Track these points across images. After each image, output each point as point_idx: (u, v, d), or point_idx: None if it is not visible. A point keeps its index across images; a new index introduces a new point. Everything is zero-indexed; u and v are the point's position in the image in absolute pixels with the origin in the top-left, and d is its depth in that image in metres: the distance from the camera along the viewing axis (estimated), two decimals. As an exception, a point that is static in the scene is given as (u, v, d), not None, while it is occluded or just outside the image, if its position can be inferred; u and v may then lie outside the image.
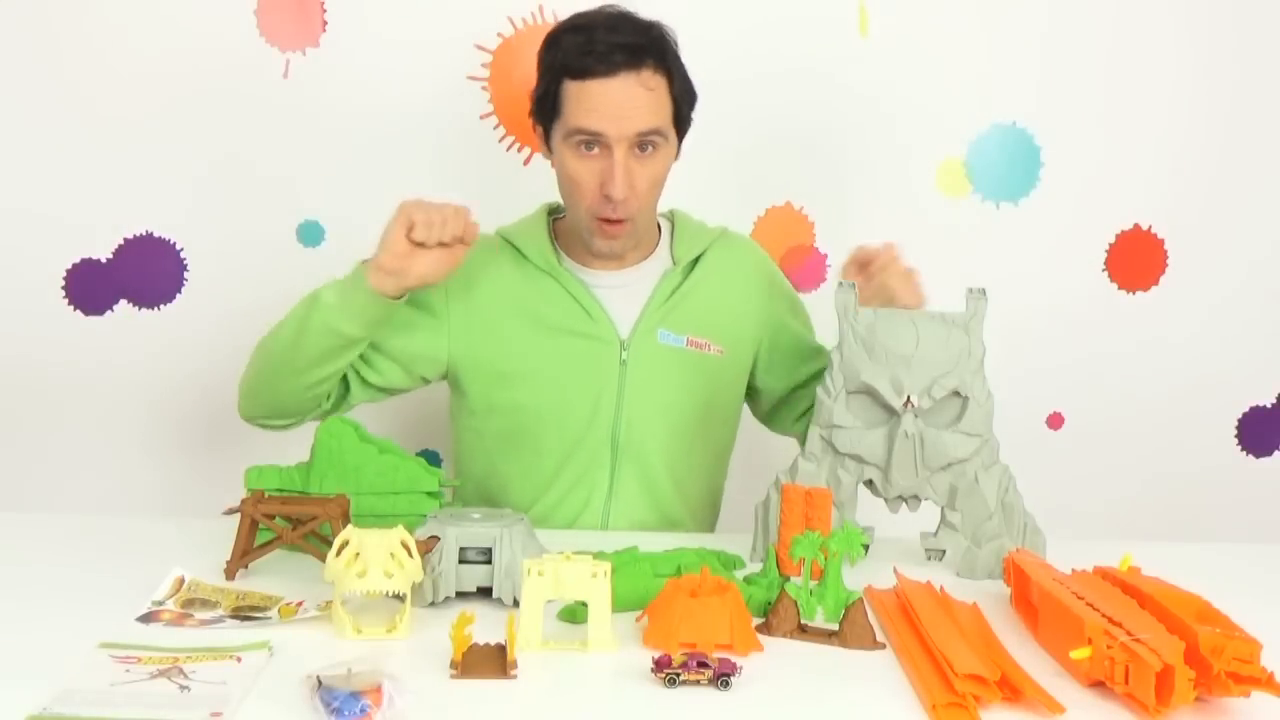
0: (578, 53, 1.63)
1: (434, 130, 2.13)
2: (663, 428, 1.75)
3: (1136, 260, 2.30)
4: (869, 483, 1.53)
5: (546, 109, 1.68)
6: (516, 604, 1.25)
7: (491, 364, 1.73)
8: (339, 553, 1.21)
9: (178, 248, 2.13)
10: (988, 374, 1.50)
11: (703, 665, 1.11)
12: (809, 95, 2.18)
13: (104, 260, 2.10)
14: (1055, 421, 2.34)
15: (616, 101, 1.62)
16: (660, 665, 1.12)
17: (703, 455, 1.81)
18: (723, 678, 1.11)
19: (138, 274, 2.12)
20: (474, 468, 1.80)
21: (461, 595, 1.31)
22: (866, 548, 1.43)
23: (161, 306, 2.14)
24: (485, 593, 1.31)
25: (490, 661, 1.14)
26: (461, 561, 1.31)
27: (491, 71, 2.12)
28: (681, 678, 1.11)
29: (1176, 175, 2.28)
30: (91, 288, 2.11)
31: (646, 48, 1.64)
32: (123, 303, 2.12)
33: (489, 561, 1.31)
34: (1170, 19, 2.23)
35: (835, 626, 1.25)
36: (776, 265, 1.93)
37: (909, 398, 1.47)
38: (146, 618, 1.25)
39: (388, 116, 2.12)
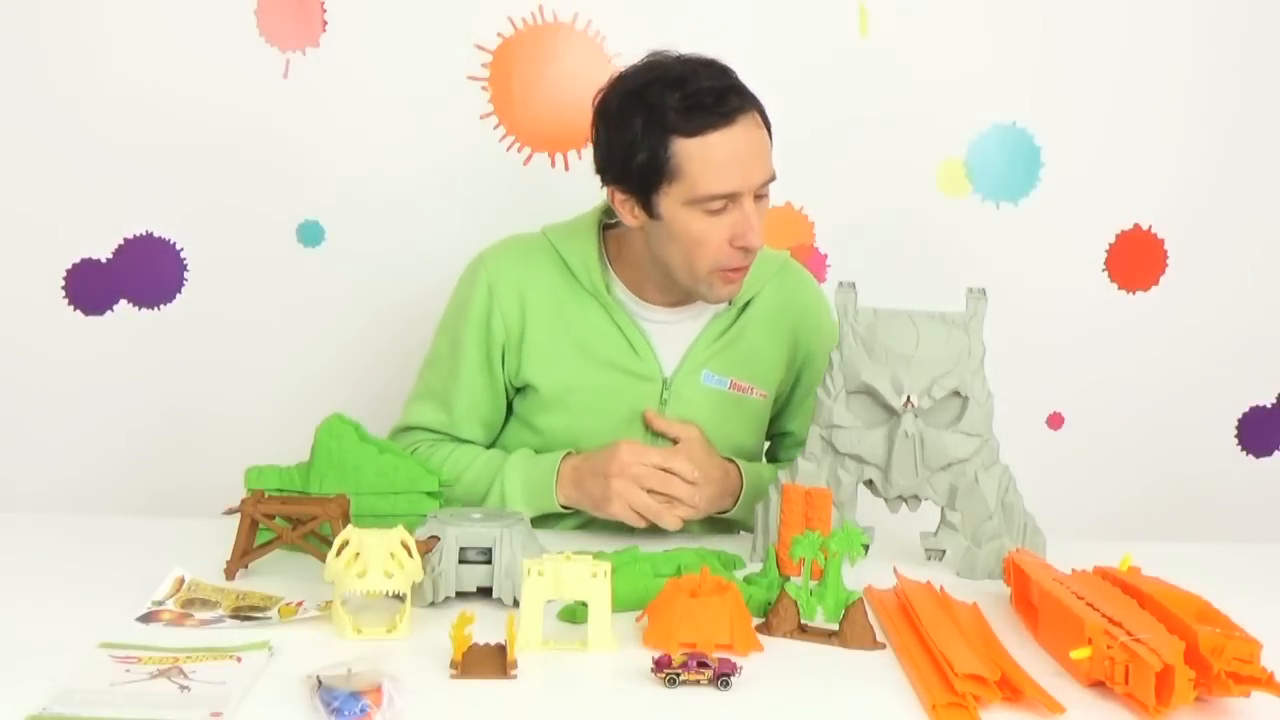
0: (684, 106, 1.53)
1: (434, 130, 2.13)
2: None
3: (1136, 260, 2.30)
4: (869, 483, 1.53)
5: (649, 175, 1.56)
6: (516, 604, 1.25)
7: (529, 382, 1.70)
8: (339, 553, 1.21)
9: (178, 248, 2.13)
10: (988, 374, 1.50)
11: (703, 665, 1.11)
12: (809, 95, 2.18)
13: (104, 260, 2.10)
14: (1055, 421, 2.34)
15: (743, 151, 1.55)
16: (660, 665, 1.12)
17: None
18: (723, 678, 1.11)
19: (138, 274, 2.11)
20: None
21: (461, 595, 1.31)
22: (866, 548, 1.43)
23: (161, 306, 2.13)
24: (485, 593, 1.31)
25: (490, 661, 1.14)
26: (461, 561, 1.31)
27: (491, 71, 2.12)
28: (681, 678, 1.11)
29: (1176, 175, 2.28)
30: (91, 288, 2.10)
31: (744, 88, 1.58)
32: (123, 303, 2.12)
33: (489, 561, 1.31)
34: (1171, 18, 2.23)
35: (835, 626, 1.25)
36: (829, 307, 1.86)
37: (909, 398, 1.47)
38: (146, 618, 1.25)
39: (388, 116, 2.12)
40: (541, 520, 1.68)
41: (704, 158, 1.54)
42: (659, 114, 1.54)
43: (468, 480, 1.65)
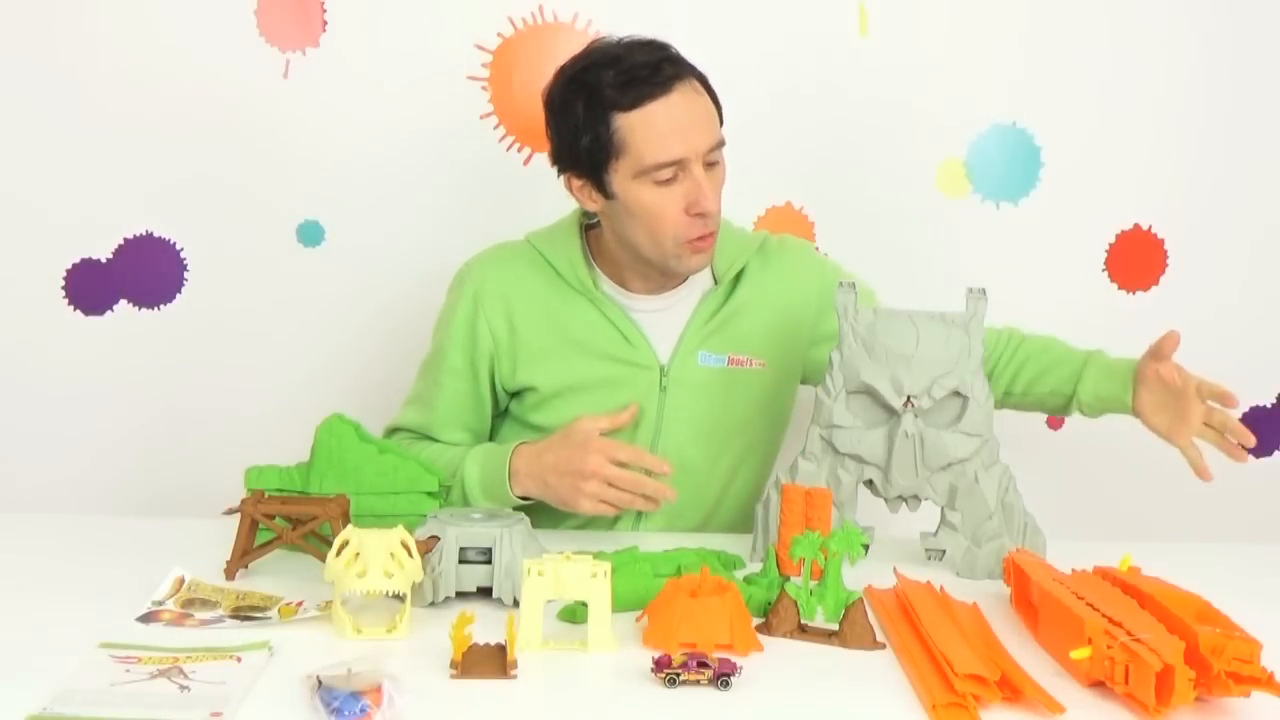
0: (620, 82, 1.56)
1: (434, 130, 2.13)
2: (702, 449, 1.72)
3: (1136, 260, 2.30)
4: (869, 483, 1.53)
5: (596, 155, 1.59)
6: (516, 604, 1.25)
7: (528, 384, 1.71)
8: (339, 553, 1.21)
9: (178, 248, 2.12)
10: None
11: (703, 665, 1.11)
12: (809, 95, 2.17)
13: (104, 260, 2.10)
14: (1055, 421, 2.33)
15: (684, 118, 1.57)
16: (660, 665, 1.12)
17: (745, 466, 1.78)
18: (723, 678, 1.11)
19: (138, 274, 2.11)
20: None
21: (461, 595, 1.31)
22: (866, 548, 1.43)
23: (161, 306, 2.13)
24: (485, 593, 1.32)
25: (490, 661, 1.14)
26: (461, 561, 1.31)
27: (491, 71, 2.12)
28: (681, 678, 1.11)
29: (1176, 175, 2.27)
30: (91, 288, 2.10)
31: (679, 58, 1.60)
32: (123, 303, 2.12)
33: (489, 561, 1.31)
34: (1170, 18, 2.23)
35: (835, 626, 1.26)
36: (830, 263, 1.88)
37: (909, 398, 1.47)
38: (146, 618, 1.25)
39: (388, 116, 2.12)
40: (543, 519, 1.68)
41: (646, 128, 1.57)
42: (597, 93, 1.58)
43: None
